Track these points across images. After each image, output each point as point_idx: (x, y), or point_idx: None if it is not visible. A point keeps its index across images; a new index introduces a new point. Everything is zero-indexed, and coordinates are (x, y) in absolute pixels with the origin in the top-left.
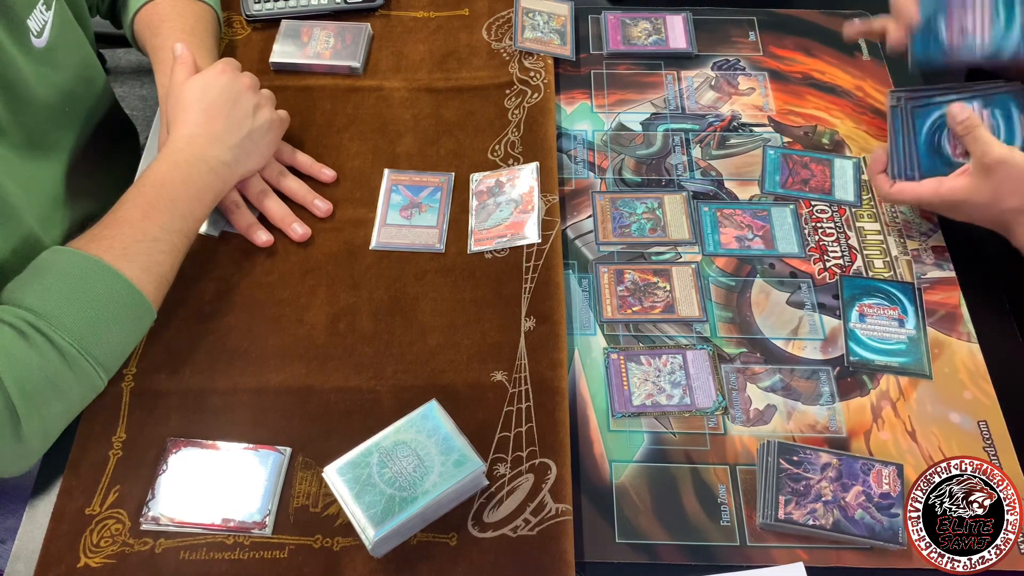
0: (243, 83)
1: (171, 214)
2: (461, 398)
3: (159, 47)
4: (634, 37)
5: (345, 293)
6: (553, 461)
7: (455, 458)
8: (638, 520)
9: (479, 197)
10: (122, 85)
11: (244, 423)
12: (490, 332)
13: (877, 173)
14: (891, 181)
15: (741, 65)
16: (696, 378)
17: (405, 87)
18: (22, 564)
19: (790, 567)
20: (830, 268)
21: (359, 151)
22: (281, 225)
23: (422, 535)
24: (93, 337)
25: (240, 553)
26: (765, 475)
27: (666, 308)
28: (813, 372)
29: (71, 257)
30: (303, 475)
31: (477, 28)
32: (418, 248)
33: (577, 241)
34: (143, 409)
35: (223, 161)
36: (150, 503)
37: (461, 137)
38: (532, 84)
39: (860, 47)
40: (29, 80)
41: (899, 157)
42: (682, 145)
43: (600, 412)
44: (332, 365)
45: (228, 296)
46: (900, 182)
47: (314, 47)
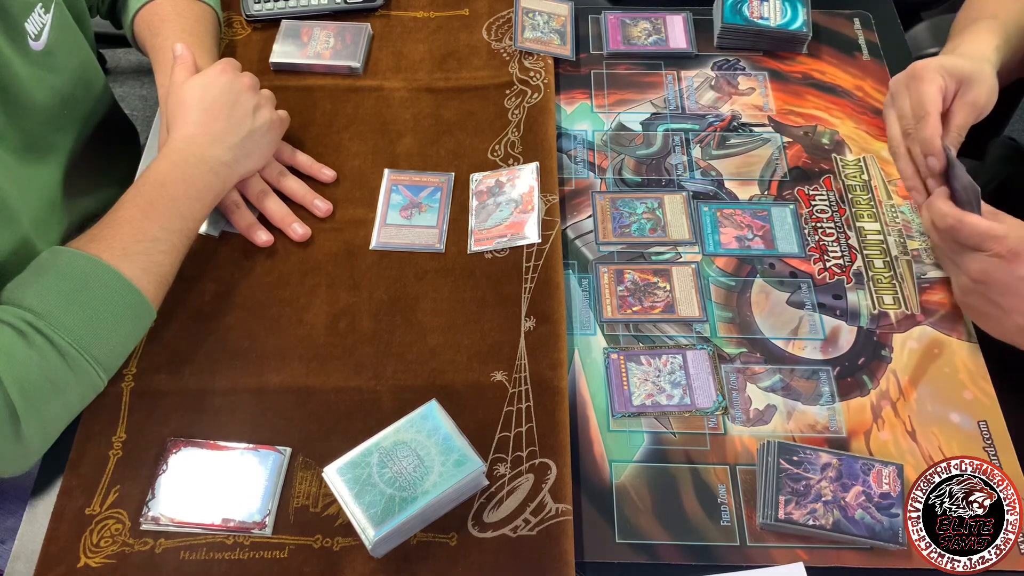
0: (243, 83)
1: (171, 214)
2: (461, 398)
3: (159, 47)
4: (634, 37)
5: (345, 293)
6: (553, 461)
7: (455, 458)
8: (638, 520)
9: (479, 197)
10: (122, 85)
11: (244, 423)
12: (490, 332)
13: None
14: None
15: (741, 65)
16: (696, 378)
17: (405, 87)
18: (22, 564)
19: (790, 567)
20: (830, 268)
21: (359, 151)
22: (281, 225)
23: (422, 535)
24: (93, 337)
25: (240, 553)
26: (765, 475)
27: (666, 308)
28: (813, 372)
29: (71, 257)
30: (303, 475)
31: (477, 28)
32: (418, 248)
33: (577, 241)
34: (143, 409)
35: (223, 161)
36: (150, 503)
37: (461, 137)
38: (532, 84)
39: (860, 47)
40: (26, 84)
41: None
42: (682, 145)
43: (600, 412)
44: (332, 365)
45: (228, 296)
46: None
47: (314, 47)
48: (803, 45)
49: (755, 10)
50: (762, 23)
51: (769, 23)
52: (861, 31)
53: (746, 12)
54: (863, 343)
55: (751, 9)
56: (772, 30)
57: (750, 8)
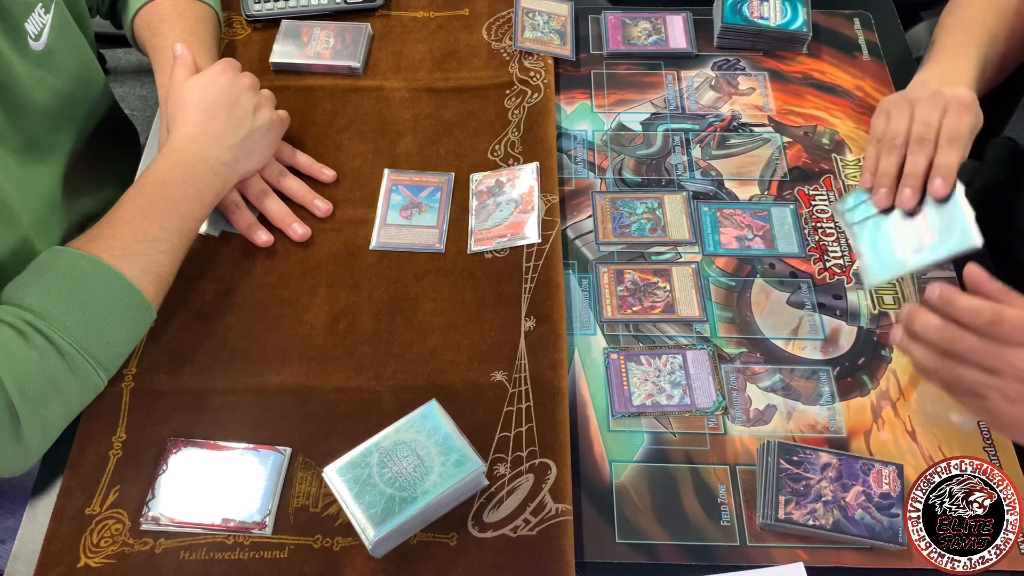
0: (243, 83)
1: (171, 214)
2: (461, 398)
3: (159, 47)
4: (634, 37)
5: (345, 293)
6: (553, 461)
7: (455, 458)
8: (638, 520)
9: (479, 197)
10: (122, 85)
11: (244, 423)
12: (490, 332)
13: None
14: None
15: (741, 65)
16: (696, 378)
17: (405, 87)
18: (22, 564)
19: (790, 567)
20: (830, 268)
21: (359, 151)
22: (281, 225)
23: (422, 535)
24: (93, 337)
25: (240, 553)
26: (765, 475)
27: (666, 308)
28: (813, 372)
29: (71, 257)
30: (303, 475)
31: (477, 28)
32: (418, 248)
33: (577, 241)
34: (143, 409)
35: (223, 161)
36: (150, 503)
37: (461, 137)
38: (532, 84)
39: (860, 47)
40: (26, 84)
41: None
42: (682, 145)
43: (600, 412)
44: (332, 365)
45: (228, 296)
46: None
47: (314, 47)
48: (803, 45)
49: (755, 10)
50: (762, 23)
51: (769, 23)
52: (861, 31)
53: (746, 12)
54: (863, 343)
55: (751, 9)
56: (772, 30)
57: (750, 8)
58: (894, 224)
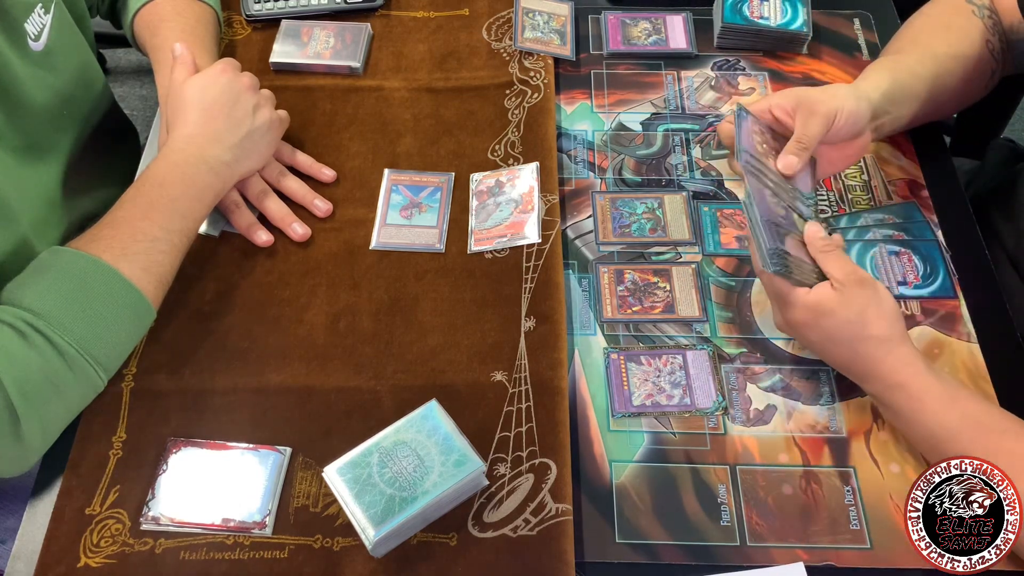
0: (243, 83)
1: (171, 214)
2: (461, 398)
3: (159, 47)
4: (634, 37)
5: (345, 293)
6: (553, 461)
7: (455, 458)
8: (638, 520)
9: (479, 197)
10: (122, 85)
11: (244, 423)
12: (490, 332)
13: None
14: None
15: (741, 65)
16: (696, 378)
17: (405, 87)
18: (22, 564)
19: (790, 567)
20: None
21: (359, 151)
22: (281, 225)
23: (422, 535)
24: (93, 337)
25: (240, 553)
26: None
27: (666, 308)
28: (813, 372)
29: (70, 257)
30: (303, 475)
31: (477, 28)
32: (418, 248)
33: (577, 241)
34: (143, 409)
35: (223, 161)
36: (150, 503)
37: (461, 137)
38: (532, 84)
39: (860, 47)
40: (26, 84)
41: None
42: (682, 145)
43: (600, 412)
44: (332, 365)
45: (228, 296)
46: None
47: (314, 47)
48: (803, 45)
49: (755, 10)
50: (762, 23)
51: (769, 23)
52: (861, 31)
53: (746, 12)
54: None
55: (751, 9)
56: (772, 30)
57: (750, 8)
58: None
